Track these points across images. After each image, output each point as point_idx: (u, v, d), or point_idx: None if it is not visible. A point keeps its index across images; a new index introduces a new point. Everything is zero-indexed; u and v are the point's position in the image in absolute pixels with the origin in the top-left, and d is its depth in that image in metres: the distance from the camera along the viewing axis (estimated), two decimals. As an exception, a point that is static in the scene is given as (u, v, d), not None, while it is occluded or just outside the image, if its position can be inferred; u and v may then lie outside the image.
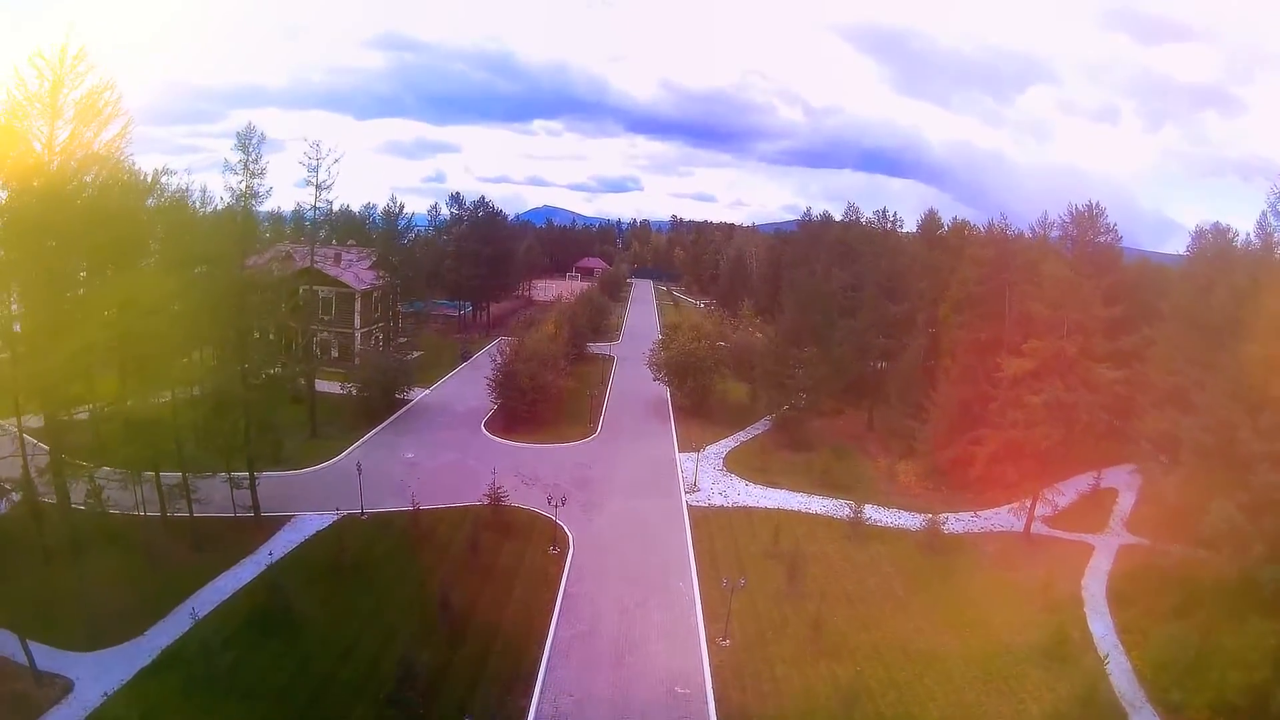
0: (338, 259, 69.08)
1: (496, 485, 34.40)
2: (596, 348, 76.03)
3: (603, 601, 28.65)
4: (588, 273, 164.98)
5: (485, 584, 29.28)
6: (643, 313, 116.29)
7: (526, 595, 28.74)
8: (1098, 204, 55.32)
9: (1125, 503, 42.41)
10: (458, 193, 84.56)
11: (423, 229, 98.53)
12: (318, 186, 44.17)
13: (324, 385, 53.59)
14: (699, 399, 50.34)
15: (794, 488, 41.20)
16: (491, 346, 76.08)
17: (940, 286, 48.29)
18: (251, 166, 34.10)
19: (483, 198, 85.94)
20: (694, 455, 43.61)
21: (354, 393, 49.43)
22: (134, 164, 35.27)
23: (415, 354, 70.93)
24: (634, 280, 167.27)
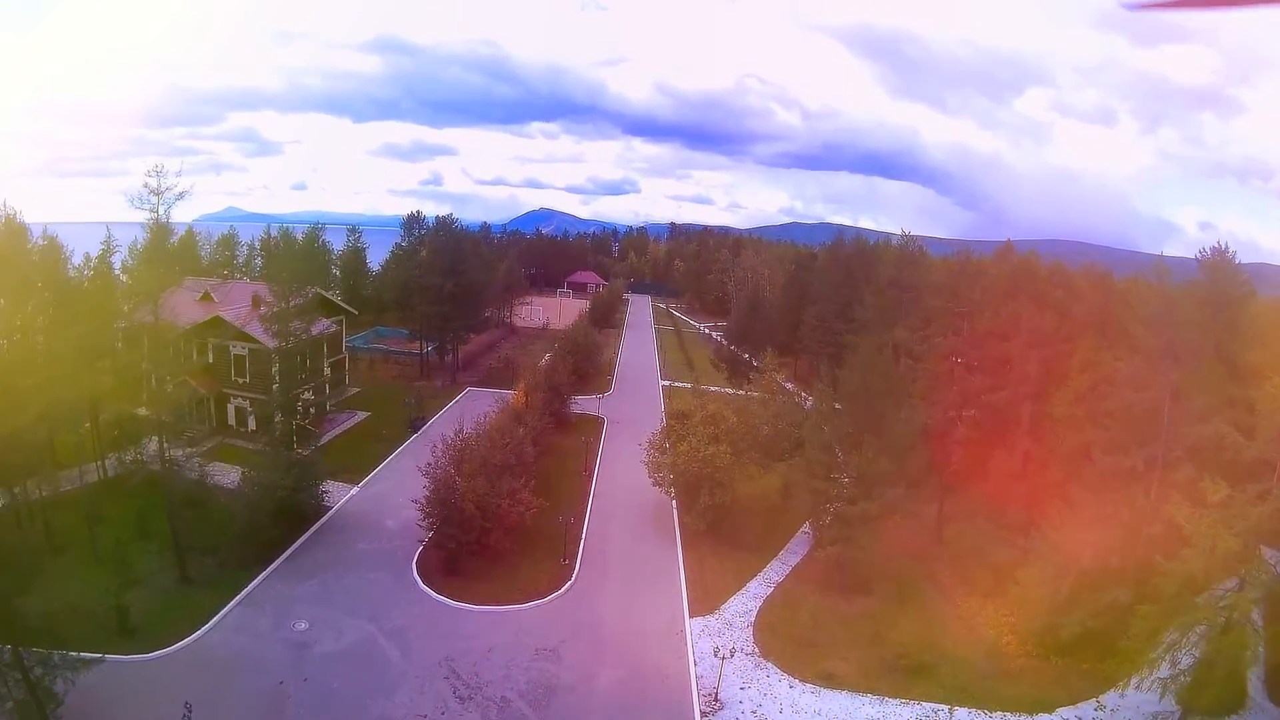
0: (256, 302, 55.44)
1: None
2: (582, 402, 62.09)
3: None
4: (580, 288, 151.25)
5: None
6: (641, 343, 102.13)
7: None
8: (1227, 246, 42.15)
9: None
10: (417, 211, 70.84)
11: (397, 234, 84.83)
12: (157, 222, 30.57)
13: (225, 476, 40.54)
14: (716, 519, 36.41)
15: (860, 685, 27.74)
16: (458, 403, 62.78)
17: (1051, 361, 34.75)
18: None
19: (447, 217, 72.02)
20: (712, 622, 30.25)
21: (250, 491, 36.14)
22: None
23: (355, 419, 57.44)
24: (630, 296, 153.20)
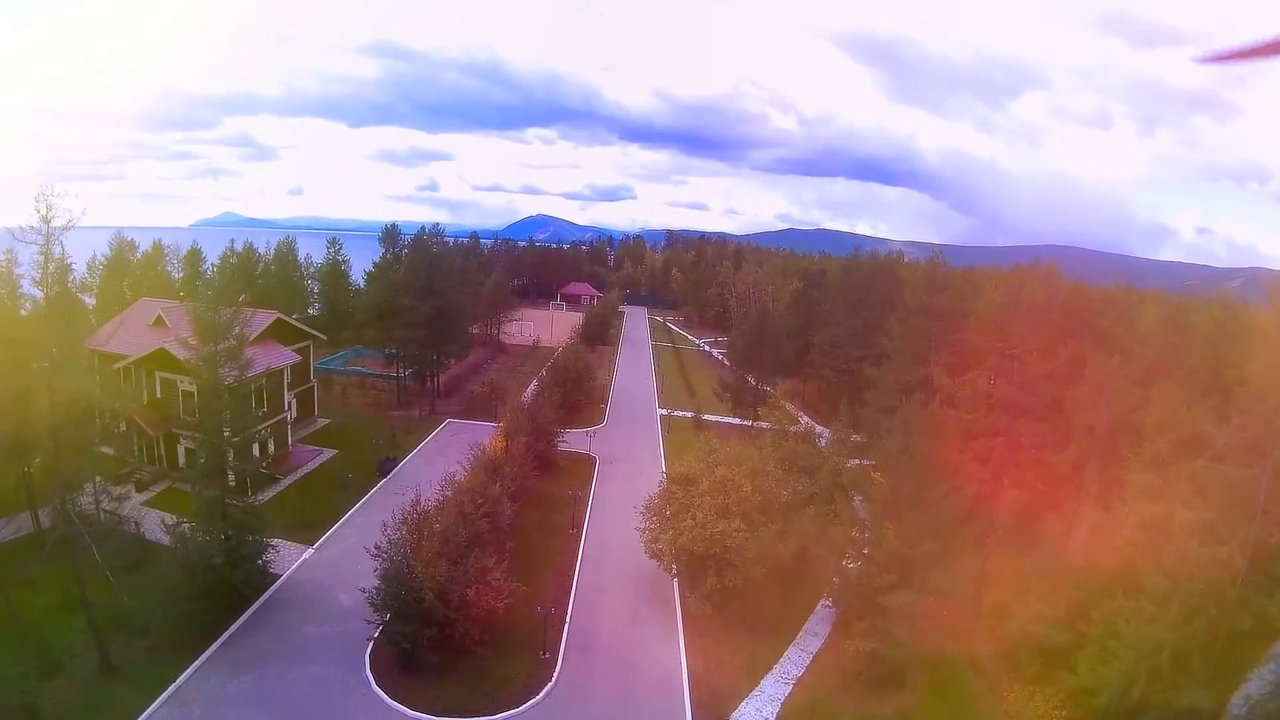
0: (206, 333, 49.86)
1: None
2: (572, 437, 56.39)
3: None
4: (574, 300, 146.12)
5: None
6: (637, 363, 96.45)
7: None
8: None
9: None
10: (393, 224, 65.42)
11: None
12: (46, 265, 25.30)
13: (159, 533, 35.20)
14: (723, 600, 30.83)
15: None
16: (435, 438, 57.16)
17: (1120, 414, 29.53)
18: None
19: (431, 228, 66.77)
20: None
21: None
22: None
23: (321, 457, 51.94)
24: (626, 309, 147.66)
